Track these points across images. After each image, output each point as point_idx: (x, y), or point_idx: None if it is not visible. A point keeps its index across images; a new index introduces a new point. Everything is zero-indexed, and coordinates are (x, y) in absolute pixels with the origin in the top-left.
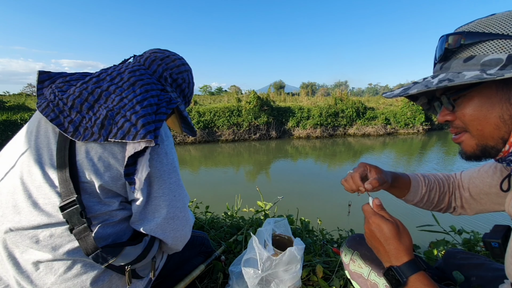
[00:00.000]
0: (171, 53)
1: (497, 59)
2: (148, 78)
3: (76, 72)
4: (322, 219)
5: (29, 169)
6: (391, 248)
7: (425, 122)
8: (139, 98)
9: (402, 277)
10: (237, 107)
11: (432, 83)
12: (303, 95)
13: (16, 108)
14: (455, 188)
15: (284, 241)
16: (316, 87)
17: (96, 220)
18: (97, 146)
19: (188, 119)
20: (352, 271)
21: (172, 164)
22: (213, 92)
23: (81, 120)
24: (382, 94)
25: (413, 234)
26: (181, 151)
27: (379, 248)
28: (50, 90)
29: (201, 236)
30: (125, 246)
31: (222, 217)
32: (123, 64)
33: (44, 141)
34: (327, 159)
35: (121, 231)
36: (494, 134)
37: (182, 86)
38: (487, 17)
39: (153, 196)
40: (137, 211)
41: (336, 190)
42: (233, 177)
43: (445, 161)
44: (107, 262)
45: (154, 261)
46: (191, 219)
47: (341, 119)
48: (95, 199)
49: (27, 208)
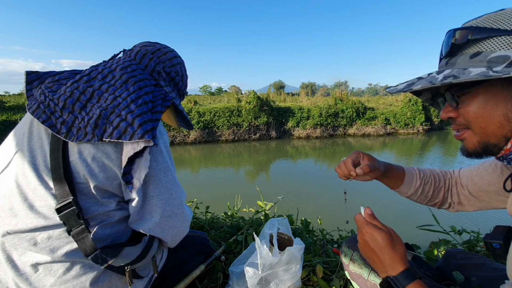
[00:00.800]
0: (162, 46)
1: (504, 56)
2: (141, 73)
3: (64, 71)
4: (322, 219)
5: (24, 171)
6: (386, 257)
7: (425, 122)
8: (133, 96)
9: (399, 287)
10: (237, 107)
11: (437, 79)
12: (303, 95)
13: (16, 108)
14: (452, 184)
15: (284, 241)
16: (316, 87)
17: (94, 221)
18: (90, 146)
19: (184, 113)
20: (352, 271)
21: (167, 162)
22: (213, 92)
23: (74, 120)
24: (386, 89)
25: (413, 234)
26: (181, 151)
27: (374, 259)
28: (40, 90)
29: (201, 236)
30: (124, 246)
31: (222, 217)
32: (113, 60)
33: (38, 143)
34: (327, 159)
35: (120, 231)
36: (497, 132)
37: (176, 79)
38: (496, 12)
39: (149, 196)
40: (134, 211)
41: (336, 190)
42: (233, 177)
43: (445, 161)
44: (107, 263)
45: (155, 260)
46: (189, 215)
47: (341, 119)
48: (92, 200)
49: (23, 211)
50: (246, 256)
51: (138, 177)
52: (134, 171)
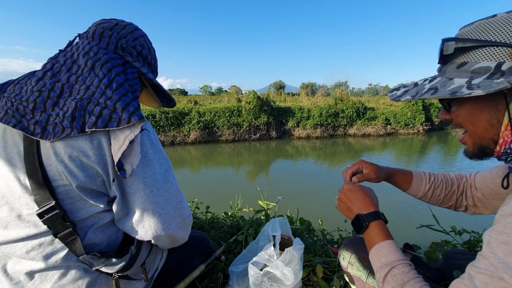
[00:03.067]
0: (118, 21)
1: (486, 67)
2: (105, 54)
3: (23, 74)
4: (322, 219)
5: (6, 181)
6: (359, 202)
7: (425, 122)
8: (106, 82)
9: (365, 222)
10: (237, 107)
11: (422, 90)
12: (303, 95)
13: None
14: (467, 187)
15: (284, 241)
16: (316, 87)
17: (83, 224)
18: (64, 146)
19: (161, 88)
20: (351, 274)
21: (146, 156)
22: (213, 92)
23: (48, 118)
24: (390, 93)
25: (413, 235)
26: (181, 151)
27: (350, 206)
28: (4, 99)
29: (201, 236)
30: (111, 257)
31: (222, 217)
32: (72, 48)
33: (14, 150)
34: (327, 159)
35: (114, 234)
36: (485, 135)
37: (143, 52)
38: (488, 19)
39: (127, 193)
40: (116, 210)
41: (336, 190)
42: (233, 177)
43: (445, 161)
44: (94, 267)
45: (144, 267)
46: (183, 216)
47: (341, 119)
48: (80, 203)
49: (12, 222)
50: (246, 256)
51: (130, 163)
52: (124, 157)
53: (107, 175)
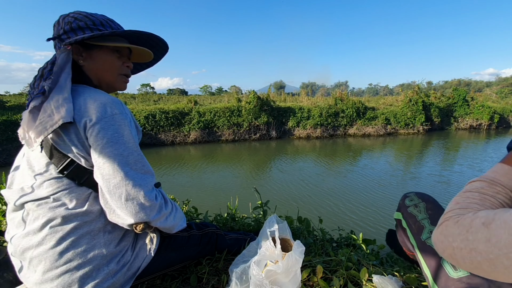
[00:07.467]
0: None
1: None
2: (54, 58)
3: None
4: (322, 219)
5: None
6: None
7: (425, 122)
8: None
9: None
10: (237, 107)
11: None
12: (303, 95)
13: (17, 108)
14: None
15: (285, 244)
16: (316, 87)
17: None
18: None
19: (134, 32)
20: (409, 211)
21: (106, 138)
22: (213, 92)
23: None
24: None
25: None
26: (181, 151)
27: None
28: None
29: (201, 234)
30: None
31: (222, 217)
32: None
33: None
34: (327, 159)
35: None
36: None
37: (73, 25)
38: None
39: (95, 166)
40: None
41: (336, 190)
42: (233, 177)
43: (445, 161)
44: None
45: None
46: (147, 201)
47: (341, 119)
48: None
49: (38, 182)
50: (245, 256)
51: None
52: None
53: None
